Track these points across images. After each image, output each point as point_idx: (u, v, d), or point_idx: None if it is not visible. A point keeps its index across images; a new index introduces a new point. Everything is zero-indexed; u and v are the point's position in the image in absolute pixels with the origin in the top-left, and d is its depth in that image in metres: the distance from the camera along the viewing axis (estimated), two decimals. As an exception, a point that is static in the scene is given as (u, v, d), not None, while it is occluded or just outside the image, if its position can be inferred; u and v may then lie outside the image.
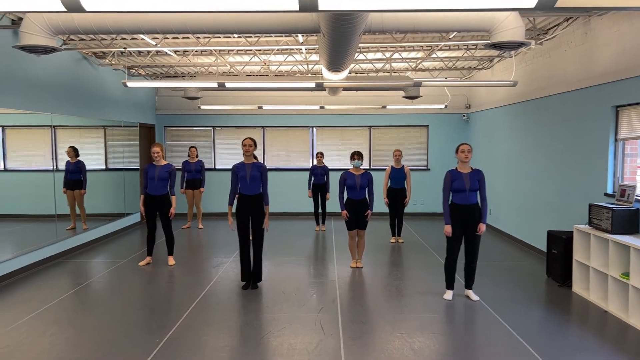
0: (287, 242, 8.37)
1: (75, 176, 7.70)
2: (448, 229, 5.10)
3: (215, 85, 6.02)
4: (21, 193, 6.80)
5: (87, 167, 8.48)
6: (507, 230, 8.75)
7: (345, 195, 6.47)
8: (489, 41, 3.90)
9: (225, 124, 11.29)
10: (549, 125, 7.11)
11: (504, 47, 3.77)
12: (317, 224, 9.56)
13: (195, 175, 9.59)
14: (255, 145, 5.48)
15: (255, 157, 5.56)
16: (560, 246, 5.82)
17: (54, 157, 7.17)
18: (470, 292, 5.32)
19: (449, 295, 5.31)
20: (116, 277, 6.13)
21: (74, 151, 7.59)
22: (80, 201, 7.88)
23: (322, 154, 9.27)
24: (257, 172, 5.45)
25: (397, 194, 8.12)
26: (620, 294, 4.85)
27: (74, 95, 7.59)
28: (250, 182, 5.43)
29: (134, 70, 9.59)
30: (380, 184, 9.75)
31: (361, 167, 6.48)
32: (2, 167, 6.78)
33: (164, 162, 6.52)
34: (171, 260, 6.81)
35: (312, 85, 6.03)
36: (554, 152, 6.93)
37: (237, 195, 5.56)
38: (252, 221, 5.54)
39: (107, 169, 9.25)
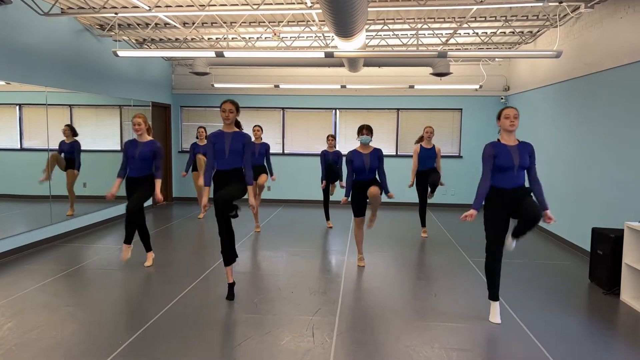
0: (301, 231, 7.74)
1: (68, 156, 7.11)
2: (473, 212, 3.85)
3: (213, 54, 5.40)
4: (35, 173, 6.54)
5: (104, 148, 8.17)
6: (545, 225, 7.81)
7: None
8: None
9: (244, 104, 10.69)
10: (599, 105, 6.14)
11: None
12: (328, 219, 8.22)
13: None
14: (238, 111, 4.40)
15: (238, 126, 4.50)
16: (607, 246, 4.93)
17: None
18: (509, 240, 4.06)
19: (494, 314, 4.07)
20: (112, 262, 5.66)
21: (70, 130, 7.05)
22: (71, 182, 7.20)
23: (333, 137, 7.82)
24: (239, 144, 4.35)
25: (427, 177, 7.06)
26: (681, 309, 3.97)
27: (72, 69, 7.14)
28: (229, 155, 4.35)
29: (146, 46, 9.11)
30: (401, 167, 8.95)
31: (370, 143, 5.42)
32: (18, 146, 6.49)
33: (148, 138, 5.31)
34: (149, 259, 5.60)
35: (321, 55, 5.31)
36: (604, 137, 5.97)
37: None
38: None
39: (121, 150, 8.88)
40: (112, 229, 7.69)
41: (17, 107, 6.42)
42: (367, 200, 5.42)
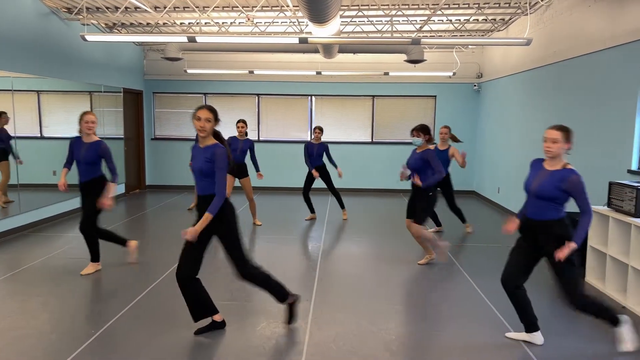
0: (277, 219, 7.74)
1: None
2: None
3: (185, 40, 5.31)
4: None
5: (74, 135, 7.91)
6: (516, 209, 8.00)
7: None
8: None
9: (218, 90, 10.58)
10: (568, 92, 6.28)
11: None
12: (312, 211, 7.69)
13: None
14: (216, 119, 3.35)
15: (217, 137, 3.43)
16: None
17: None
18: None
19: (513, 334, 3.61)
20: (84, 250, 5.56)
21: None
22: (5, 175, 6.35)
23: (320, 129, 7.39)
24: (208, 162, 3.26)
25: (440, 181, 6.03)
26: (642, 288, 4.14)
27: (39, 53, 6.92)
28: (199, 176, 3.33)
29: (116, 30, 8.89)
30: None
31: (419, 143, 5.05)
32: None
33: (94, 138, 4.70)
34: (92, 268, 4.90)
35: (296, 40, 5.28)
36: (572, 122, 6.06)
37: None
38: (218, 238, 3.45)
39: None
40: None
41: (-19, 93, 6.22)
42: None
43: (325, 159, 7.53)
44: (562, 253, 3.11)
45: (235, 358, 3.21)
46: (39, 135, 7.12)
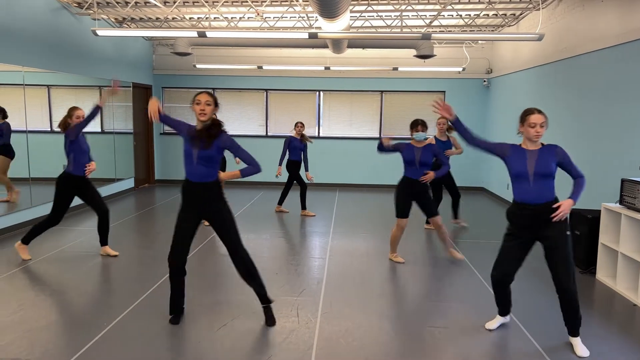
0: (285, 214, 7.76)
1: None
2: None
3: (195, 35, 5.31)
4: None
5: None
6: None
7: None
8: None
9: (226, 85, 10.58)
10: (579, 88, 6.23)
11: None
12: (280, 203, 7.82)
13: None
14: (216, 105, 3.43)
15: (214, 123, 3.44)
16: (584, 227, 5.05)
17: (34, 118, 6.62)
18: (576, 343, 3.32)
19: (492, 323, 3.66)
20: (95, 245, 5.60)
21: None
22: (2, 170, 6.31)
23: (302, 124, 7.53)
24: (213, 152, 3.35)
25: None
26: (654, 286, 4.11)
27: (50, 48, 6.96)
28: (197, 163, 3.36)
29: (126, 25, 8.92)
30: None
31: (425, 139, 5.03)
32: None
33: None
34: (110, 250, 5.33)
35: (305, 35, 5.26)
36: (584, 119, 6.07)
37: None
38: (214, 225, 3.50)
39: (102, 132, 8.77)
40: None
41: (-6, 87, 6.26)
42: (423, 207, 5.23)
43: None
44: (564, 207, 3.14)
45: (246, 352, 3.23)
46: (49, 129, 7.17)
